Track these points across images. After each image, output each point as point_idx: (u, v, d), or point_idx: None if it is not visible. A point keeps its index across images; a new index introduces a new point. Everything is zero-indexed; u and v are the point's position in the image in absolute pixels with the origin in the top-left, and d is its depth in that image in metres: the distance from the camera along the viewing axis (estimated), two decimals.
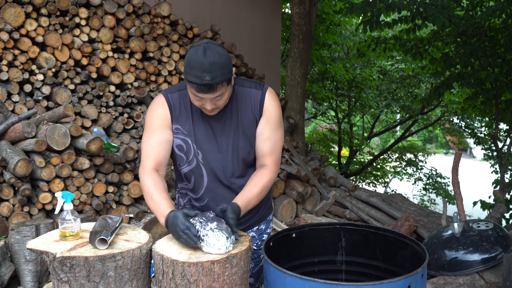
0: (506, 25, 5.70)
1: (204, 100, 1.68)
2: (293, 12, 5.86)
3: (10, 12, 3.77)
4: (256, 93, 1.83)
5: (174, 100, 1.82)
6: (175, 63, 4.81)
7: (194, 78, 1.61)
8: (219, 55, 1.63)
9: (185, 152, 1.83)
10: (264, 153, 1.84)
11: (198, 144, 1.81)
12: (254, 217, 1.98)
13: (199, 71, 1.60)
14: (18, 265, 3.08)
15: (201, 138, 1.81)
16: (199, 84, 1.61)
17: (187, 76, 1.64)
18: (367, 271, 1.99)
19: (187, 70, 1.63)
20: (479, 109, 7.83)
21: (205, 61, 1.60)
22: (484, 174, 10.05)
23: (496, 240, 3.03)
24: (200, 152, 1.82)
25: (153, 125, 1.81)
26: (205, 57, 1.60)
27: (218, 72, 1.61)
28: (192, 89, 1.65)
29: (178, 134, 1.82)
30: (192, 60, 1.62)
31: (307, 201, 5.31)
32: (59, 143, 3.53)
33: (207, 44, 1.64)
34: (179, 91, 1.84)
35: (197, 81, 1.61)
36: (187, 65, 1.63)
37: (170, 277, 1.49)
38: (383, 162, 11.40)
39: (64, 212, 1.60)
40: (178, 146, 1.83)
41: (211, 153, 1.82)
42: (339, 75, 8.91)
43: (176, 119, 1.81)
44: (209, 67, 1.60)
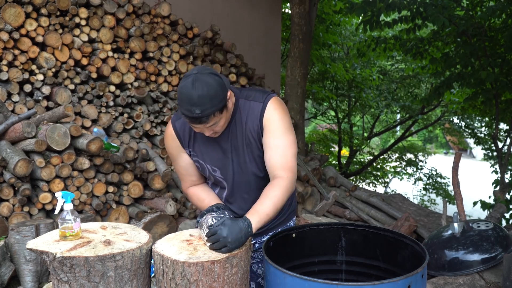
0: (506, 25, 5.70)
1: (200, 129, 1.71)
2: (293, 12, 5.86)
3: (10, 12, 3.77)
4: (257, 105, 1.77)
5: (180, 128, 1.87)
6: (175, 63, 4.81)
7: (185, 111, 1.63)
8: (208, 86, 1.60)
9: (201, 170, 1.94)
10: (273, 162, 1.75)
11: (213, 163, 1.87)
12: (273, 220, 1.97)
13: (188, 105, 1.60)
14: (18, 265, 3.08)
15: (214, 159, 1.87)
16: (190, 117, 1.63)
17: (179, 108, 1.67)
18: (367, 271, 1.99)
19: (179, 102, 1.66)
20: (479, 109, 7.83)
21: (194, 95, 1.59)
22: (484, 174, 10.04)
23: (496, 240, 3.03)
24: (217, 169, 1.88)
25: (172, 155, 1.95)
26: (193, 89, 1.59)
27: (207, 104, 1.59)
28: (187, 120, 1.67)
29: (192, 156, 1.91)
30: (182, 93, 1.62)
31: (307, 201, 5.31)
32: (59, 143, 3.53)
33: (196, 75, 1.62)
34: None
35: (188, 114, 1.62)
36: (178, 97, 1.66)
37: (170, 277, 1.49)
38: (383, 162, 11.40)
39: (64, 212, 1.60)
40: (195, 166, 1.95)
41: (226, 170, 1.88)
42: (339, 75, 8.91)
43: (187, 144, 1.89)
44: (198, 101, 1.58)
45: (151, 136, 4.65)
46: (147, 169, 4.16)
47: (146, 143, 4.53)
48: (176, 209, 4.09)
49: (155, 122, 4.66)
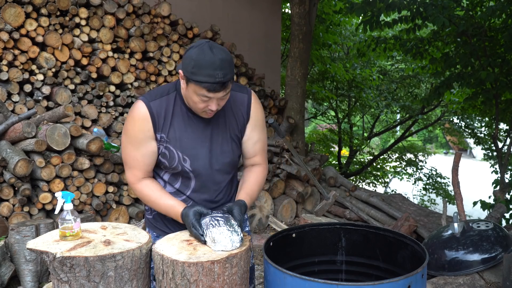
0: (506, 25, 5.69)
1: (211, 101, 1.64)
2: (293, 12, 5.86)
3: (10, 12, 3.77)
4: (242, 96, 1.83)
5: (157, 108, 1.73)
6: (175, 63, 4.81)
7: (206, 77, 1.57)
8: (225, 52, 1.62)
9: (168, 159, 1.78)
10: (256, 153, 1.90)
11: (185, 151, 1.76)
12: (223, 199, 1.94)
13: (211, 69, 1.56)
14: (18, 265, 3.08)
15: (189, 145, 1.77)
16: (212, 83, 1.57)
17: (195, 77, 1.58)
18: (367, 271, 1.99)
19: (194, 71, 1.58)
20: (479, 109, 7.83)
21: (216, 59, 1.57)
22: (484, 174, 10.04)
23: (496, 240, 3.03)
24: (188, 159, 1.77)
25: (136, 140, 1.75)
26: (214, 55, 1.57)
27: (228, 68, 1.60)
28: (203, 89, 1.59)
29: (162, 142, 1.76)
30: (201, 60, 1.57)
31: (307, 201, 5.31)
32: (59, 143, 3.53)
33: (209, 43, 1.61)
34: (161, 97, 1.76)
35: (210, 80, 1.57)
36: (194, 66, 1.58)
37: (170, 277, 1.49)
38: (383, 162, 11.40)
39: (64, 212, 1.60)
40: (161, 153, 1.78)
41: (200, 159, 1.78)
42: (339, 75, 8.90)
43: (159, 129, 1.75)
44: (221, 64, 1.58)
45: None
46: None
47: None
48: None
49: None
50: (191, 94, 1.65)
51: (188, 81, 1.62)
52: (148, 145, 1.76)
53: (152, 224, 1.94)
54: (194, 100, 1.66)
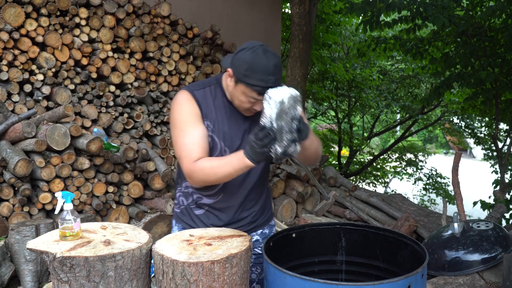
0: (506, 25, 5.69)
1: (257, 102, 1.69)
2: (293, 12, 5.86)
3: (10, 12, 3.77)
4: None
5: (200, 97, 1.79)
6: (175, 63, 4.81)
7: (258, 82, 1.62)
8: (277, 57, 1.67)
9: (211, 147, 1.80)
10: None
11: (227, 142, 1.81)
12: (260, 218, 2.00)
13: (264, 74, 1.62)
14: (18, 265, 3.08)
15: (230, 137, 1.82)
16: (263, 87, 1.62)
17: (248, 80, 1.63)
18: (367, 271, 1.99)
19: (247, 74, 1.63)
20: (479, 109, 7.83)
21: (270, 64, 1.63)
22: (484, 174, 10.05)
23: (496, 240, 3.03)
24: (228, 150, 1.81)
25: (186, 122, 1.75)
26: (267, 59, 1.63)
27: (279, 74, 1.65)
28: (253, 92, 1.65)
29: (208, 130, 1.80)
30: (255, 64, 1.62)
31: (307, 201, 5.31)
32: (59, 143, 3.53)
33: (263, 46, 1.66)
34: (203, 88, 1.82)
35: (262, 84, 1.62)
36: (248, 69, 1.63)
37: (170, 277, 1.49)
38: (383, 162, 11.40)
39: (64, 212, 1.60)
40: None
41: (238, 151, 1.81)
42: (339, 75, 8.90)
43: (206, 116, 1.79)
44: (274, 70, 1.63)
45: (151, 136, 4.65)
46: (147, 169, 4.17)
47: (146, 143, 4.53)
48: None
49: (155, 122, 4.66)
50: (239, 94, 1.70)
51: (238, 81, 1.67)
52: (199, 127, 1.76)
53: (179, 217, 1.99)
54: (241, 99, 1.72)
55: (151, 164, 4.19)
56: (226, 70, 1.77)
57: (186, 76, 4.94)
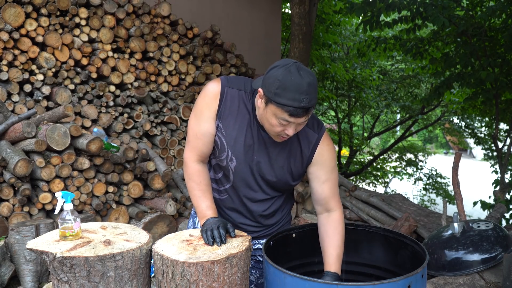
0: (506, 25, 5.69)
1: (289, 125, 1.56)
2: (293, 12, 5.86)
3: (10, 12, 3.77)
4: (312, 135, 1.76)
5: (229, 97, 1.71)
6: (175, 63, 4.81)
7: (290, 101, 1.48)
8: (312, 75, 1.53)
9: (219, 149, 1.76)
10: (326, 195, 1.79)
11: (235, 153, 1.74)
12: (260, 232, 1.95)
13: (297, 93, 1.48)
14: (18, 265, 3.08)
15: (241, 150, 1.74)
16: (296, 107, 1.49)
17: (278, 99, 1.50)
18: (367, 271, 1.99)
19: (278, 92, 1.49)
20: (479, 109, 7.83)
21: (303, 83, 1.49)
22: (484, 174, 10.05)
23: (496, 240, 3.02)
24: (235, 160, 1.75)
25: (202, 114, 1.73)
26: (301, 78, 1.49)
27: (313, 93, 1.51)
28: (285, 113, 1.51)
29: (217, 131, 1.74)
30: (287, 81, 1.48)
31: (307, 201, 5.31)
32: (59, 143, 3.53)
33: (297, 64, 1.53)
34: (238, 90, 1.72)
35: (294, 104, 1.49)
36: (279, 87, 1.49)
37: (170, 277, 1.49)
38: (383, 162, 11.40)
39: (64, 212, 1.60)
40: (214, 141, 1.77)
41: (244, 167, 1.76)
42: (339, 75, 8.90)
43: (221, 116, 1.71)
44: (307, 89, 1.49)
45: (151, 136, 4.65)
46: (147, 169, 4.17)
47: (146, 143, 4.53)
48: (176, 209, 4.09)
49: (155, 122, 4.66)
50: (269, 116, 1.57)
51: (268, 101, 1.54)
52: (209, 125, 1.73)
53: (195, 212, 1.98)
54: (271, 122, 1.58)
55: (151, 164, 4.19)
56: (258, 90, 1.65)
57: (186, 76, 4.94)
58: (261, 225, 1.92)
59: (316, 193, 1.81)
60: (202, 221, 1.70)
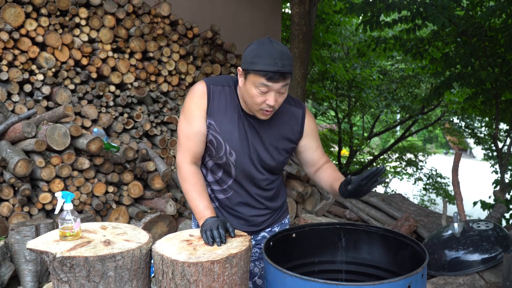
0: (506, 25, 5.69)
1: (269, 94, 1.66)
2: (293, 12, 5.85)
3: (10, 12, 3.77)
4: (297, 111, 1.90)
5: (215, 94, 1.79)
6: (175, 63, 4.81)
7: (265, 66, 1.61)
8: (284, 47, 1.67)
9: (215, 148, 1.82)
10: (320, 158, 1.97)
11: (234, 146, 1.81)
12: (271, 217, 2.02)
13: (270, 58, 1.61)
14: (18, 265, 3.08)
15: (238, 141, 1.81)
16: (271, 72, 1.61)
17: (254, 66, 1.62)
18: (367, 271, 1.99)
19: (254, 61, 1.63)
20: (479, 109, 7.83)
21: (275, 49, 1.63)
22: (484, 174, 10.05)
23: (496, 240, 3.03)
24: (234, 154, 1.81)
25: (192, 115, 1.79)
26: (273, 47, 1.63)
27: (287, 61, 1.64)
28: (262, 78, 1.63)
29: (210, 129, 1.80)
30: (260, 50, 1.63)
31: (307, 201, 5.31)
32: (59, 143, 3.53)
33: (270, 38, 1.68)
34: (222, 86, 1.81)
35: (269, 69, 1.61)
36: (254, 56, 1.63)
37: (170, 277, 1.49)
38: (383, 162, 11.40)
39: (64, 212, 1.60)
40: (209, 140, 1.82)
41: (245, 157, 1.83)
42: (339, 75, 8.90)
43: (211, 114, 1.78)
44: (280, 55, 1.62)
45: (151, 136, 4.65)
46: (147, 169, 4.17)
47: (146, 143, 4.53)
48: (176, 209, 4.09)
49: (155, 122, 4.66)
50: (249, 88, 1.67)
51: (247, 73, 1.66)
52: (201, 124, 1.79)
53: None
54: (251, 94, 1.68)
55: (151, 164, 4.19)
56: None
57: (186, 76, 4.94)
58: (270, 210, 1.98)
59: (311, 161, 1.97)
60: (201, 222, 1.71)
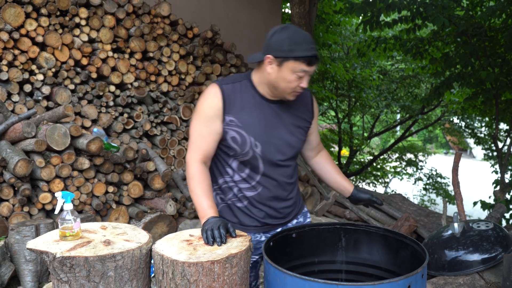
0: (506, 25, 5.69)
1: (304, 77, 1.73)
2: (293, 12, 5.85)
3: (10, 12, 3.77)
4: (305, 93, 1.96)
5: (228, 92, 1.82)
6: (175, 63, 4.81)
7: (305, 52, 1.67)
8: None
9: (239, 144, 1.82)
10: (318, 142, 2.10)
11: (258, 137, 1.82)
12: (295, 208, 2.07)
13: (306, 43, 1.68)
14: (18, 265, 3.08)
15: (261, 131, 1.83)
16: (310, 56, 1.67)
17: (294, 53, 1.67)
18: (367, 271, 1.99)
19: (292, 48, 1.67)
20: (479, 109, 7.83)
21: (306, 35, 1.69)
22: (484, 174, 10.05)
23: (496, 240, 3.03)
24: (260, 144, 1.83)
25: (205, 115, 1.81)
26: (302, 32, 1.70)
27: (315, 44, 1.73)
28: (302, 64, 1.68)
29: (232, 126, 1.81)
30: (296, 37, 1.68)
31: (307, 201, 5.31)
32: (59, 143, 3.53)
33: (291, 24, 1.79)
34: (233, 83, 1.85)
35: (308, 54, 1.67)
36: (291, 43, 1.67)
37: (170, 277, 1.49)
38: (383, 162, 11.41)
39: (64, 212, 1.60)
40: (232, 138, 1.82)
41: (271, 145, 1.85)
42: (339, 75, 8.90)
43: (230, 111, 1.81)
44: (311, 39, 1.71)
45: (151, 136, 4.65)
46: (147, 169, 4.17)
47: (146, 143, 4.53)
48: (176, 209, 4.09)
49: (155, 122, 4.66)
50: (286, 74, 1.71)
51: (283, 60, 1.69)
52: (215, 124, 1.81)
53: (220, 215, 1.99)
54: (289, 79, 1.72)
55: (151, 164, 4.19)
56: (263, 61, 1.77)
57: (186, 76, 4.94)
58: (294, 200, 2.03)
59: (313, 143, 2.08)
60: (203, 220, 1.71)
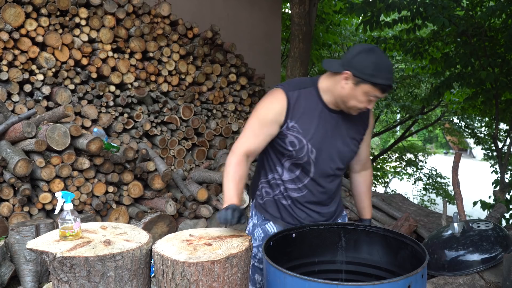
0: (506, 25, 5.69)
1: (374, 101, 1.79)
2: (293, 12, 5.85)
3: (10, 12, 3.77)
4: None
5: (294, 99, 1.86)
6: (175, 63, 4.81)
7: (384, 80, 1.72)
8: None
9: (296, 149, 1.88)
10: (367, 155, 2.10)
11: (315, 144, 1.88)
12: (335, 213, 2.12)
13: (388, 73, 1.73)
14: (18, 265, 3.08)
15: (319, 138, 1.88)
16: (387, 85, 1.73)
17: (375, 79, 1.71)
18: (367, 271, 1.99)
19: (374, 74, 1.71)
20: (479, 109, 7.82)
21: (389, 64, 1.75)
22: (484, 174, 10.05)
23: (496, 240, 3.02)
24: (315, 151, 1.89)
25: (264, 117, 1.86)
26: (388, 60, 1.75)
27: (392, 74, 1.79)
28: (377, 91, 1.74)
29: (293, 131, 1.87)
30: (381, 64, 1.72)
31: None
32: (59, 143, 3.53)
33: (378, 47, 1.77)
34: (299, 90, 1.88)
35: (387, 82, 1.73)
36: (374, 69, 1.71)
37: (170, 277, 1.49)
38: (383, 162, 11.41)
39: (64, 212, 1.60)
40: (290, 142, 1.88)
41: (323, 154, 1.91)
42: None
43: (293, 117, 1.86)
44: (391, 69, 1.76)
45: (151, 136, 4.65)
46: (147, 169, 4.17)
47: (146, 143, 4.53)
48: (176, 209, 4.09)
49: (155, 122, 4.66)
50: (359, 94, 1.76)
51: (361, 82, 1.73)
52: (272, 128, 1.86)
53: (263, 208, 2.06)
54: (360, 99, 1.78)
55: (151, 164, 4.19)
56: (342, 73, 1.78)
57: (186, 76, 4.94)
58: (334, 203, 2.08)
59: (362, 154, 2.07)
60: (225, 205, 1.74)
